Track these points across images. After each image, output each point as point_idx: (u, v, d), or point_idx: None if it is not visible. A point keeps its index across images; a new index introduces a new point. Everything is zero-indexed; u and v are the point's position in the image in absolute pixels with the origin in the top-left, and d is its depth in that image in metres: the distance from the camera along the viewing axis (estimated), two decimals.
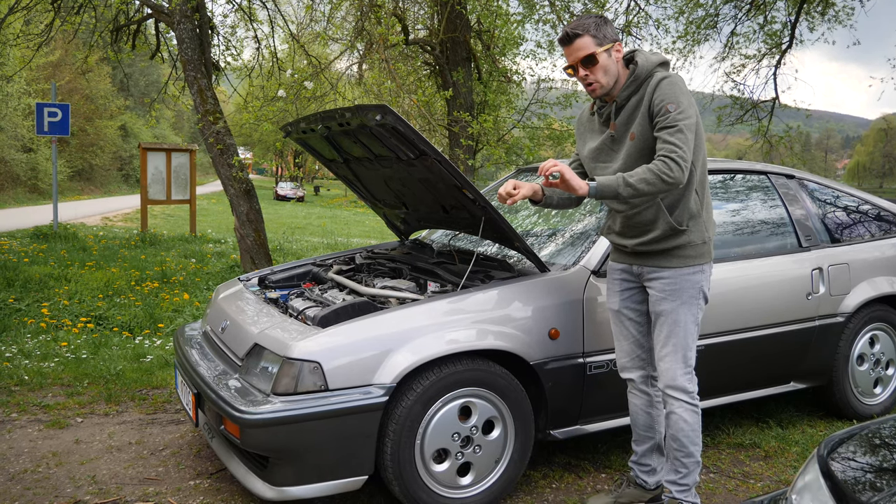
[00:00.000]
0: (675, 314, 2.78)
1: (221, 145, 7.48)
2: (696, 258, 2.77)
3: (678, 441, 2.82)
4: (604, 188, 2.58)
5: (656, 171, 2.53)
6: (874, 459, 1.75)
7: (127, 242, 11.14)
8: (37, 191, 28.46)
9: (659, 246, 2.78)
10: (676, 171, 2.53)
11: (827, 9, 9.89)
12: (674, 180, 2.54)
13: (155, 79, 36.74)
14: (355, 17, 7.74)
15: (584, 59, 2.67)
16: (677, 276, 2.77)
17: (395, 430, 2.76)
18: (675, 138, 2.54)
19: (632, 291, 2.95)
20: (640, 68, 2.69)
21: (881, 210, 4.41)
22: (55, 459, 3.45)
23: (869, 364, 4.13)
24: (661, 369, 2.83)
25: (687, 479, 2.84)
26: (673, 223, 2.71)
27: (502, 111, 9.35)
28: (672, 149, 2.54)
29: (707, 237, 2.79)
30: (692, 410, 2.81)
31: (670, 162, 2.53)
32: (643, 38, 9.66)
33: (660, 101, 2.59)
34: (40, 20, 10.95)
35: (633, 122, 2.69)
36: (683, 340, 2.79)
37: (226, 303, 3.57)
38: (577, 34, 2.66)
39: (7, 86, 22.64)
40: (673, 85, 2.60)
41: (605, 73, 2.69)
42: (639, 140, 2.68)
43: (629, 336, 2.97)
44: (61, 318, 6.16)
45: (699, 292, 2.80)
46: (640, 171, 2.55)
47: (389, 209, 4.14)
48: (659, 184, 2.54)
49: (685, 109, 2.58)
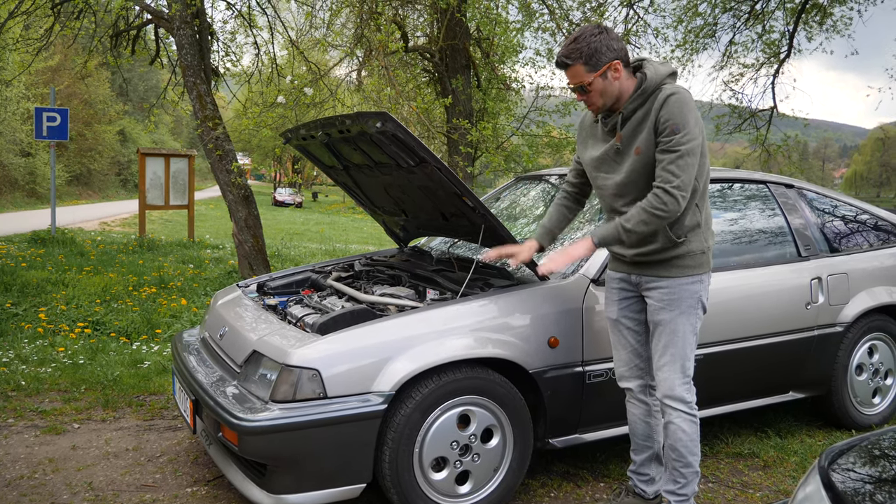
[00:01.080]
0: (673, 324, 2.77)
1: (220, 151, 7.48)
2: (694, 268, 2.77)
3: (676, 451, 2.81)
4: (604, 239, 2.69)
5: (649, 209, 2.59)
6: (875, 470, 1.74)
7: (125, 247, 11.12)
8: (35, 195, 28.44)
9: (658, 256, 2.77)
10: (671, 203, 2.55)
11: (825, 19, 9.91)
12: (668, 213, 2.57)
13: (154, 84, 36.80)
14: (355, 24, 7.76)
15: (577, 87, 2.68)
16: (676, 286, 2.76)
17: (393, 437, 2.75)
18: (674, 166, 2.55)
19: (630, 300, 2.94)
20: (649, 82, 2.64)
21: (879, 220, 4.41)
22: (52, 465, 3.43)
23: (868, 374, 4.13)
24: (659, 379, 2.82)
25: (685, 489, 2.83)
26: (672, 236, 2.71)
27: (501, 118, 9.35)
28: (668, 178, 2.56)
29: (706, 247, 2.79)
30: (691, 420, 2.80)
31: (663, 195, 2.56)
32: (642, 46, 9.68)
33: (665, 121, 2.57)
34: (40, 25, 10.96)
35: (639, 136, 2.67)
36: (682, 350, 2.78)
37: (224, 309, 3.57)
38: (567, 64, 2.64)
39: (6, 90, 22.67)
40: (681, 104, 2.56)
41: (602, 96, 2.67)
42: (644, 155, 2.66)
43: (627, 345, 2.97)
44: (58, 324, 6.14)
45: (697, 302, 2.80)
46: (636, 212, 2.62)
47: (389, 216, 4.14)
48: (655, 221, 2.60)
49: (691, 131, 2.56)
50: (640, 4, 9.48)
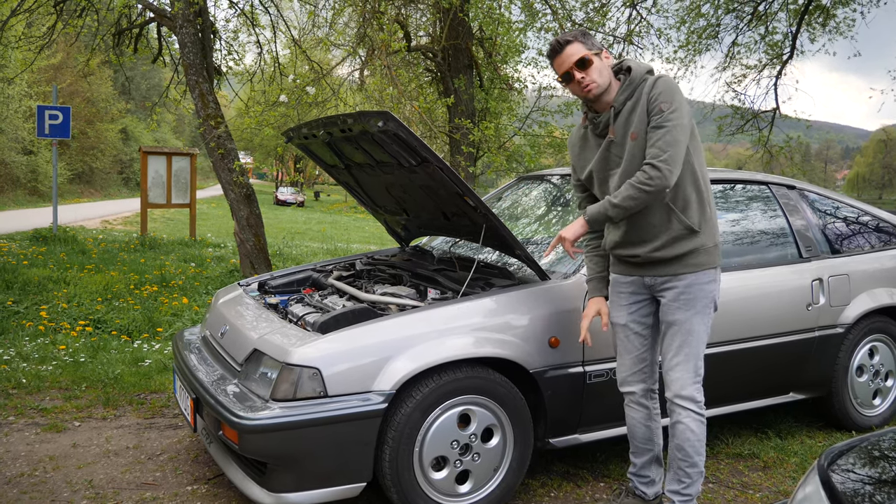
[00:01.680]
0: (689, 323, 2.77)
1: (222, 150, 7.48)
2: (708, 263, 2.78)
3: (683, 451, 2.80)
4: (595, 216, 2.71)
5: (636, 183, 2.61)
6: (875, 471, 1.74)
7: (126, 246, 11.13)
8: (37, 193, 28.46)
9: (672, 251, 2.75)
10: (657, 178, 2.57)
11: (828, 20, 9.91)
12: (654, 187, 2.58)
13: (156, 82, 36.80)
14: (357, 24, 7.75)
15: (578, 61, 2.69)
16: (693, 286, 2.76)
17: (393, 437, 2.75)
18: (661, 141, 2.59)
19: (640, 304, 2.92)
20: (635, 73, 2.73)
21: (881, 221, 4.41)
22: (52, 463, 3.43)
23: (868, 375, 4.13)
24: (671, 379, 2.80)
25: (690, 489, 2.83)
26: (687, 222, 2.71)
27: (503, 118, 9.34)
28: (656, 153, 2.59)
29: (717, 241, 2.81)
30: (699, 420, 2.79)
31: (650, 170, 2.58)
32: (644, 47, 9.66)
33: (655, 98, 2.64)
34: (42, 23, 10.98)
35: (632, 123, 2.70)
36: (696, 350, 2.78)
37: (225, 308, 3.57)
38: (567, 41, 2.71)
39: (8, 88, 22.65)
40: (667, 83, 2.66)
41: (600, 74, 2.71)
42: (640, 139, 2.68)
43: (633, 350, 2.95)
44: (60, 322, 6.15)
45: (712, 301, 2.81)
46: (623, 188, 2.65)
47: (390, 215, 4.14)
48: (642, 195, 2.60)
49: (679, 108, 2.61)
50: (643, 5, 9.47)
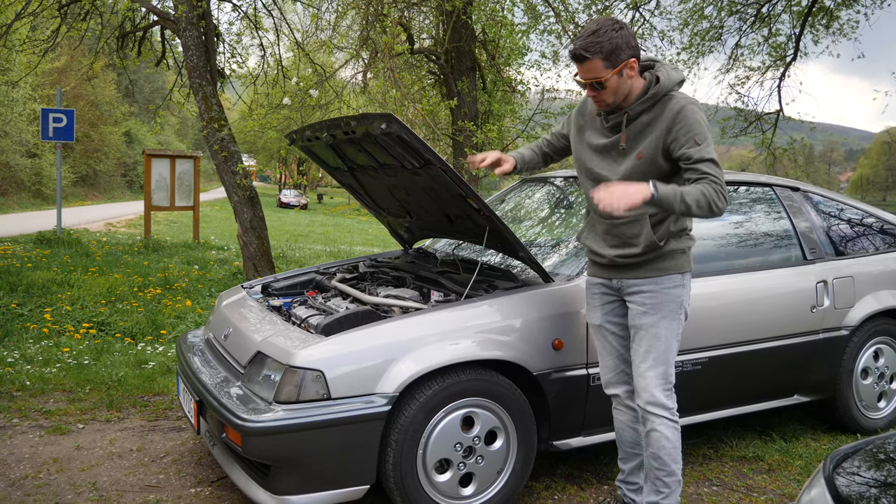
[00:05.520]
0: (655, 328, 2.72)
1: (226, 152, 7.49)
2: (674, 269, 2.73)
3: (660, 459, 2.74)
4: (663, 199, 2.44)
5: (710, 196, 2.45)
6: (880, 474, 1.74)
7: (130, 248, 11.15)
8: (41, 196, 28.52)
9: (638, 259, 2.73)
10: (723, 205, 2.48)
11: (831, 22, 9.90)
12: (719, 212, 2.49)
13: (160, 85, 36.90)
14: (361, 26, 7.76)
15: (589, 83, 2.59)
16: (659, 290, 2.72)
17: (397, 439, 2.75)
18: (713, 171, 2.48)
19: (612, 305, 2.89)
20: (661, 86, 2.60)
21: (885, 223, 4.40)
22: (56, 465, 3.44)
23: (873, 378, 4.11)
24: (641, 386, 2.75)
25: (669, 498, 2.76)
26: (655, 240, 2.67)
27: (506, 121, 9.35)
28: (716, 179, 2.47)
29: (686, 247, 2.76)
30: (673, 427, 2.74)
31: (721, 194, 2.47)
32: (647, 49, 9.66)
33: (687, 132, 2.52)
34: (46, 26, 11.01)
35: (643, 140, 2.63)
36: (664, 356, 2.72)
37: (229, 310, 3.57)
38: (587, 57, 2.53)
39: (12, 91, 22.71)
40: (696, 114, 2.54)
41: (614, 94, 2.60)
42: (645, 162, 2.63)
43: (613, 351, 2.92)
44: (63, 324, 6.16)
45: (680, 307, 2.75)
46: (695, 192, 2.44)
47: (393, 218, 4.14)
48: (706, 211, 2.46)
49: (710, 142, 2.54)
50: (647, 7, 9.49)
